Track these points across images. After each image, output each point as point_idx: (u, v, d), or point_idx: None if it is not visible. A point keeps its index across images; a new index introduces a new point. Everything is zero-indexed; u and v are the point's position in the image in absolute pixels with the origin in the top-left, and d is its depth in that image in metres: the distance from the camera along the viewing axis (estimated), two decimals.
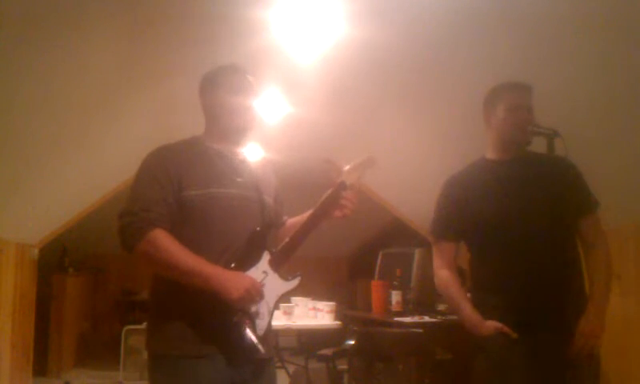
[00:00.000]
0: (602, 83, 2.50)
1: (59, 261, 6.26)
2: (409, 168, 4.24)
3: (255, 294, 1.61)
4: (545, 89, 2.12)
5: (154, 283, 1.71)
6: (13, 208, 3.73)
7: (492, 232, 2.03)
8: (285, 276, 1.72)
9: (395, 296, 3.87)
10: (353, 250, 8.35)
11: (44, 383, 5.53)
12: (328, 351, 3.49)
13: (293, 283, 1.73)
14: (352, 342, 3.31)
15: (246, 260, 1.67)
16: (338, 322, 4.14)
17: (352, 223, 1.82)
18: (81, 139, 3.60)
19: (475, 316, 2.03)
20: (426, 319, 3.54)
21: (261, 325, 1.64)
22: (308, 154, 4.34)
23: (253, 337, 1.60)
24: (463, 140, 2.64)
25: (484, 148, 2.18)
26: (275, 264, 1.70)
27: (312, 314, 4.27)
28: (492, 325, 1.98)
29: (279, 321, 3.95)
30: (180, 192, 1.64)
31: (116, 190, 4.52)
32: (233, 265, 1.64)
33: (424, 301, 3.85)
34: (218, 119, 1.79)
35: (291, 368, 4.51)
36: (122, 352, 5.58)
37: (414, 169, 4.20)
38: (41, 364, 5.46)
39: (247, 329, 1.60)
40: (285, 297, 1.75)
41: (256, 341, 1.60)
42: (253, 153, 1.87)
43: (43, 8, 2.34)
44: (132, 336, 5.60)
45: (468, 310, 2.05)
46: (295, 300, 4.20)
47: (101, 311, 7.39)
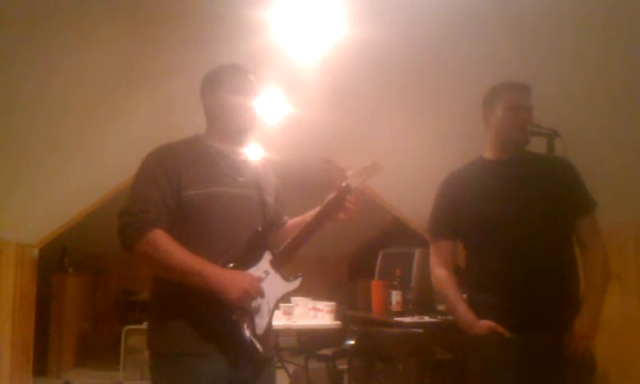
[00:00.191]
0: (602, 83, 2.50)
1: (59, 261, 6.26)
2: (409, 168, 4.23)
3: (254, 294, 1.61)
4: (545, 89, 2.12)
5: (155, 283, 1.72)
6: (13, 208, 3.73)
7: (489, 231, 2.03)
8: (286, 277, 1.72)
9: (395, 296, 3.88)
10: (353, 250, 8.35)
11: (44, 383, 5.53)
12: (328, 351, 3.49)
13: (294, 284, 1.73)
14: (352, 342, 3.31)
15: (247, 259, 1.67)
16: (338, 322, 4.14)
17: (352, 223, 1.82)
18: (80, 139, 3.60)
19: (469, 315, 2.02)
20: (426, 319, 3.54)
21: (260, 324, 1.64)
22: (308, 154, 4.34)
23: (251, 335, 1.60)
24: (463, 140, 2.64)
25: (483, 148, 2.18)
26: (277, 264, 1.70)
27: (312, 314, 4.27)
28: (486, 324, 1.97)
29: (279, 321, 3.95)
30: (180, 192, 1.64)
31: (116, 190, 4.52)
32: (231, 265, 1.64)
33: (424, 301, 3.85)
34: (219, 119, 1.79)
35: (291, 368, 4.51)
36: (122, 352, 5.58)
37: (414, 169, 4.20)
38: (41, 364, 5.46)
39: (246, 327, 1.60)
40: (285, 297, 1.75)
41: (254, 340, 1.60)
42: (253, 153, 1.87)
43: (43, 8, 2.34)
44: (132, 336, 5.59)
45: (462, 310, 2.05)
46: (295, 300, 4.20)
47: (101, 311, 7.39)
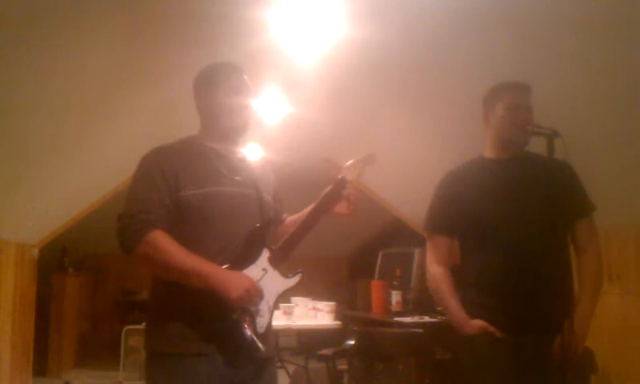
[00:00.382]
0: (602, 83, 2.50)
1: (59, 261, 6.26)
2: (409, 168, 4.24)
3: (254, 294, 1.61)
4: (545, 89, 2.12)
5: (154, 283, 1.71)
6: (13, 208, 3.73)
7: (485, 231, 2.02)
8: (285, 273, 1.71)
9: (395, 296, 3.88)
10: (353, 250, 8.35)
11: (44, 383, 5.53)
12: (328, 351, 3.49)
13: (293, 280, 1.72)
14: (352, 342, 3.31)
15: (245, 257, 1.66)
16: (338, 322, 4.14)
17: (352, 223, 1.82)
18: (80, 139, 3.60)
19: (461, 314, 2.02)
20: (426, 319, 3.55)
21: (261, 322, 1.64)
22: (308, 154, 4.34)
23: (252, 334, 1.59)
24: (463, 140, 2.64)
25: (483, 148, 2.18)
26: (275, 261, 1.69)
27: (312, 314, 4.27)
28: (477, 324, 1.97)
29: (279, 321, 3.95)
30: (177, 192, 1.64)
31: (116, 190, 4.52)
32: (226, 266, 1.63)
33: (424, 301, 3.85)
34: (216, 118, 1.77)
35: (291, 368, 4.51)
36: (122, 352, 5.58)
37: (414, 168, 4.20)
38: (41, 364, 5.46)
39: (247, 326, 1.59)
40: (285, 296, 1.75)
41: (256, 338, 1.59)
42: (252, 152, 1.87)
43: (42, 8, 2.34)
44: (132, 336, 5.59)
45: (454, 308, 2.04)
46: (295, 300, 4.20)
47: (101, 311, 7.39)
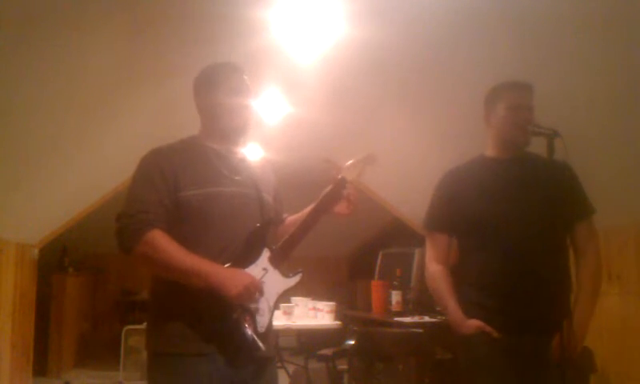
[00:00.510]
0: (602, 83, 2.50)
1: (59, 261, 6.26)
2: (409, 168, 4.23)
3: (254, 291, 1.61)
4: (545, 89, 2.12)
5: (154, 283, 1.71)
6: (13, 208, 3.73)
7: (485, 230, 2.02)
8: (285, 273, 1.71)
9: (395, 296, 3.88)
10: (353, 250, 8.35)
11: (44, 383, 5.53)
12: (328, 351, 3.49)
13: (294, 280, 1.72)
14: (352, 342, 3.31)
15: (246, 257, 1.66)
16: (338, 322, 4.14)
17: (352, 223, 1.82)
18: (80, 139, 3.60)
19: (458, 314, 2.02)
20: (426, 319, 3.55)
21: (261, 322, 1.64)
22: (308, 154, 4.34)
23: (253, 333, 1.59)
24: (463, 140, 2.64)
25: (484, 148, 2.17)
26: (275, 261, 1.69)
27: (312, 314, 4.27)
28: (474, 324, 1.97)
29: (279, 321, 3.95)
30: (177, 192, 1.64)
31: (116, 190, 4.52)
32: (227, 265, 1.63)
33: (424, 301, 3.85)
34: (216, 119, 1.78)
35: (291, 368, 4.51)
36: (122, 352, 5.58)
37: (414, 168, 4.20)
38: (41, 364, 5.46)
39: (247, 326, 1.59)
40: (285, 296, 1.75)
41: (256, 338, 1.59)
42: (252, 152, 1.87)
43: (43, 8, 2.34)
44: (132, 336, 5.60)
45: (452, 307, 2.04)
46: (295, 300, 4.20)
47: (101, 311, 7.40)
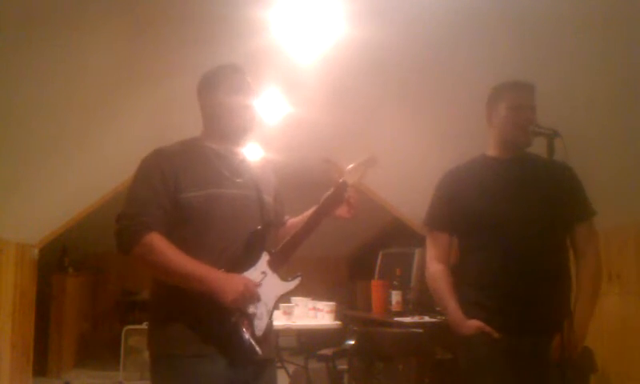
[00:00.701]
0: (602, 83, 2.50)
1: (59, 261, 6.26)
2: (409, 168, 4.23)
3: (249, 296, 1.61)
4: (545, 89, 2.12)
5: (155, 284, 1.71)
6: (13, 208, 3.73)
7: (485, 229, 2.02)
8: (284, 277, 1.71)
9: (395, 296, 3.88)
10: (353, 250, 8.35)
11: (44, 383, 5.53)
12: (328, 351, 3.49)
13: (292, 284, 1.73)
14: (352, 342, 3.30)
15: (245, 260, 1.66)
16: (338, 322, 4.14)
17: (352, 223, 1.81)
18: (81, 139, 3.60)
19: (458, 314, 2.01)
20: (426, 319, 3.54)
21: (259, 325, 1.64)
22: (308, 154, 4.34)
23: (250, 338, 1.60)
24: (463, 140, 2.64)
25: (484, 148, 2.17)
26: (274, 264, 1.69)
27: (312, 314, 4.27)
28: (474, 324, 1.97)
29: (279, 321, 3.95)
30: (178, 194, 1.63)
31: (116, 190, 4.52)
32: (230, 266, 1.63)
33: (424, 301, 3.84)
34: (218, 119, 1.78)
35: (291, 368, 4.51)
36: (122, 352, 5.58)
37: (414, 168, 4.20)
38: (41, 364, 5.46)
39: (245, 330, 1.59)
40: (284, 297, 1.75)
41: (254, 342, 1.60)
42: (252, 153, 1.87)
43: (43, 8, 2.34)
44: (132, 336, 5.59)
45: (452, 307, 2.04)
46: (295, 300, 4.20)
47: (101, 311, 7.39)
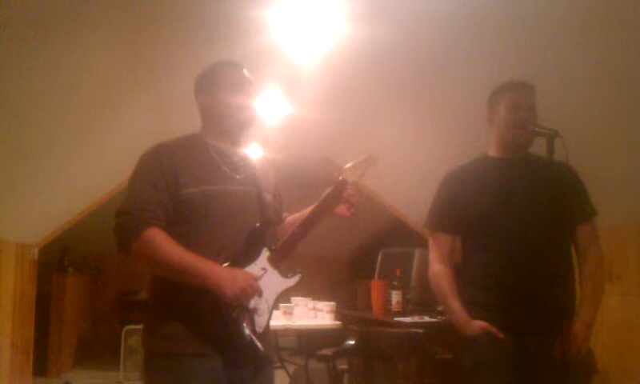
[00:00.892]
0: (602, 83, 2.50)
1: (59, 261, 6.26)
2: (409, 167, 4.23)
3: (251, 292, 1.61)
4: (545, 89, 2.12)
5: (152, 283, 1.71)
6: (13, 208, 3.73)
7: (487, 229, 2.02)
8: (285, 273, 1.71)
9: (395, 296, 3.87)
10: (353, 250, 8.35)
11: (44, 383, 5.53)
12: (328, 351, 3.48)
13: (293, 280, 1.72)
14: (352, 342, 3.30)
15: (245, 257, 1.66)
16: (338, 322, 4.13)
17: (352, 223, 1.81)
18: (81, 139, 3.60)
19: (462, 314, 2.01)
20: (426, 319, 3.54)
21: (260, 322, 1.64)
22: (308, 154, 4.34)
23: (251, 333, 1.59)
24: (463, 139, 2.64)
25: (484, 147, 2.17)
26: (274, 261, 1.69)
27: (312, 314, 4.27)
28: (478, 324, 1.97)
29: (279, 321, 3.95)
30: (177, 190, 1.63)
31: (116, 190, 4.51)
32: (226, 264, 1.63)
33: (424, 301, 3.84)
34: (218, 116, 1.77)
35: (291, 368, 4.51)
36: (122, 352, 5.58)
37: (415, 168, 4.20)
38: (41, 364, 5.46)
39: (246, 326, 1.59)
40: (285, 296, 1.75)
41: (255, 338, 1.60)
42: (252, 152, 1.87)
43: (43, 8, 2.35)
44: (132, 336, 5.60)
45: (456, 308, 2.04)
46: (295, 300, 4.19)
47: (101, 311, 7.38)
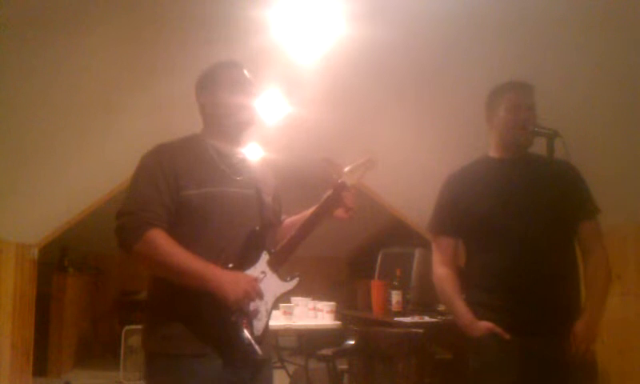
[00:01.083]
0: (602, 83, 2.50)
1: (59, 261, 6.26)
2: (409, 168, 4.23)
3: (254, 296, 1.61)
4: (545, 89, 2.12)
5: (152, 283, 1.71)
6: (13, 208, 3.73)
7: (490, 230, 2.01)
8: (283, 277, 1.71)
9: (395, 296, 3.87)
10: (353, 250, 8.34)
11: (44, 383, 5.53)
12: (328, 351, 3.48)
13: (291, 284, 1.72)
14: (352, 342, 3.30)
15: (245, 260, 1.66)
16: (338, 322, 4.13)
17: (352, 223, 1.82)
18: (81, 139, 3.60)
19: (468, 316, 2.01)
20: (426, 319, 3.54)
21: (258, 325, 1.64)
22: (308, 154, 4.34)
23: (250, 337, 1.60)
24: (464, 139, 2.64)
25: (485, 147, 2.17)
26: (274, 264, 1.69)
27: (312, 314, 4.27)
28: (484, 325, 1.96)
29: (279, 321, 3.95)
30: (178, 191, 1.63)
31: (116, 190, 4.52)
32: (231, 265, 1.63)
33: (424, 301, 3.84)
34: (218, 116, 1.77)
35: (291, 368, 4.51)
36: (122, 352, 5.58)
37: (415, 168, 4.20)
38: (41, 364, 5.45)
39: (244, 329, 1.59)
40: (284, 296, 1.75)
41: (253, 341, 1.60)
42: (252, 152, 1.86)
43: (43, 8, 2.35)
44: (132, 336, 5.60)
45: (461, 309, 2.03)
46: (295, 300, 4.19)
47: (101, 311, 7.38)
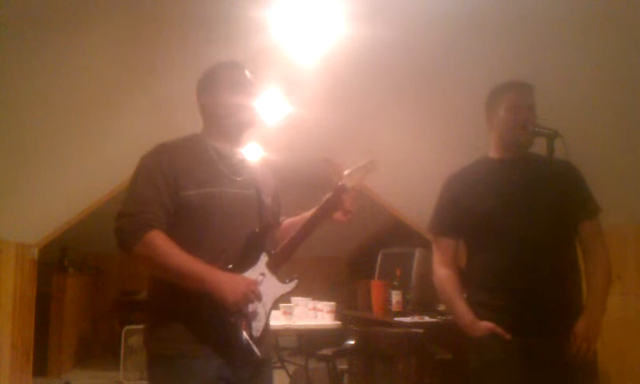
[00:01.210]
0: (602, 83, 2.50)
1: (59, 261, 6.26)
2: (409, 168, 4.23)
3: (252, 298, 1.61)
4: (545, 89, 2.12)
5: (152, 284, 1.71)
6: (13, 208, 3.73)
7: (491, 231, 2.01)
8: (282, 278, 1.71)
9: (395, 296, 3.87)
10: (353, 250, 8.34)
11: (44, 383, 5.53)
12: (328, 351, 3.48)
13: (290, 286, 1.73)
14: (352, 342, 3.30)
15: (244, 261, 1.66)
16: (338, 322, 4.14)
17: (352, 223, 1.81)
18: (81, 139, 3.60)
19: (469, 316, 2.01)
20: (426, 319, 3.55)
21: (257, 326, 1.64)
22: (308, 154, 4.34)
23: (249, 338, 1.60)
24: (464, 139, 2.64)
25: (485, 147, 2.17)
26: (273, 266, 1.69)
27: (312, 314, 4.27)
28: (485, 325, 1.97)
29: (279, 321, 3.95)
30: (178, 192, 1.63)
31: (116, 190, 4.51)
32: (230, 266, 1.63)
33: (424, 301, 3.85)
34: (218, 117, 1.77)
35: (291, 368, 4.51)
36: (122, 352, 5.58)
37: (415, 169, 4.20)
38: (41, 364, 5.46)
39: (243, 330, 1.60)
40: (284, 297, 1.75)
41: (251, 342, 1.60)
42: (252, 153, 1.86)
43: (43, 8, 2.35)
44: (132, 336, 5.60)
45: (462, 310, 2.04)
46: (295, 300, 4.20)
47: (101, 311, 7.38)
